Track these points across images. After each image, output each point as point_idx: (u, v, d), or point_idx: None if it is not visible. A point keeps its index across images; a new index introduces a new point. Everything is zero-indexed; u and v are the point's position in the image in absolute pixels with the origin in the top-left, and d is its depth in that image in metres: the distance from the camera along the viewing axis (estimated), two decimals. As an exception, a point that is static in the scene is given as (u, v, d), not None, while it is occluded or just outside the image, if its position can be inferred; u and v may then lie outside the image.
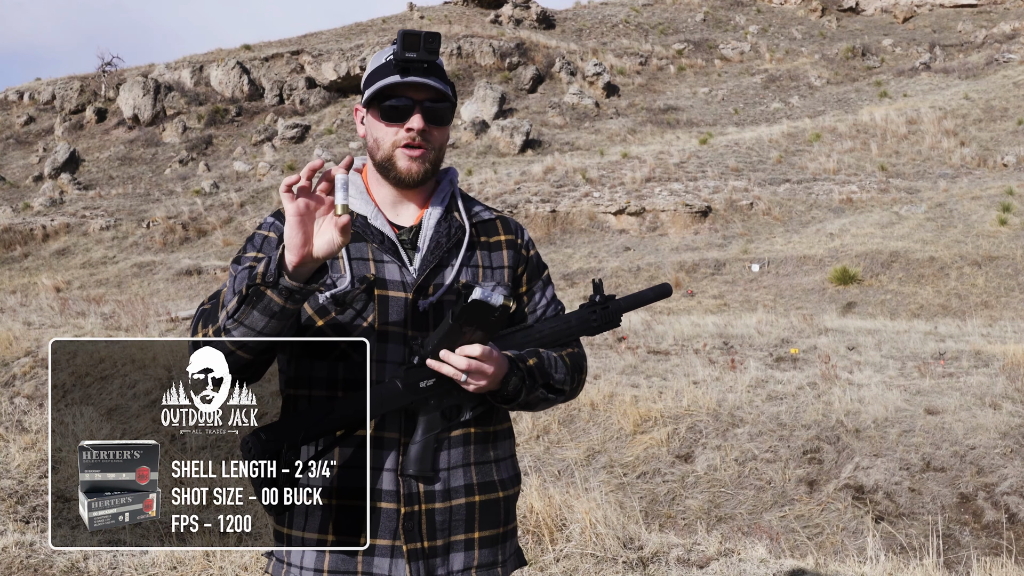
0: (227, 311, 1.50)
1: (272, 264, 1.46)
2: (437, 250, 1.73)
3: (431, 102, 1.70)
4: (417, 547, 1.64)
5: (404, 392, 1.57)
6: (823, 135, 31.57)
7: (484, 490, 1.74)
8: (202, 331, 1.55)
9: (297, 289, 1.46)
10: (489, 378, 1.61)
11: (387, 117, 1.69)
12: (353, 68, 44.14)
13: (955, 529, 5.78)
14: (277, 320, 1.48)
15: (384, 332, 1.67)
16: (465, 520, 1.70)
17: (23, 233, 30.00)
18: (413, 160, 1.70)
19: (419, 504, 1.65)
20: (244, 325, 1.48)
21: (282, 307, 1.46)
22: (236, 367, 1.55)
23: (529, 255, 1.87)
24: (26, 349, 11.60)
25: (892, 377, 8.62)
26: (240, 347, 1.51)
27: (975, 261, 19.51)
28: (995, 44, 44.63)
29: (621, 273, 21.48)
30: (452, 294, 1.71)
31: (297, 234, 1.43)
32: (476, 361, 1.59)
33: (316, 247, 1.45)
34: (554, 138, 36.79)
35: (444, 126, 1.72)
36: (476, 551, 1.72)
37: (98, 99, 46.24)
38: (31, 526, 4.51)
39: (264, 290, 1.45)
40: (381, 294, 1.67)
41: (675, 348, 10.74)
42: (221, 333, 1.51)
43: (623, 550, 4.10)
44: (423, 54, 1.66)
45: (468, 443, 1.73)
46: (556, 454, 7.28)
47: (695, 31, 54.37)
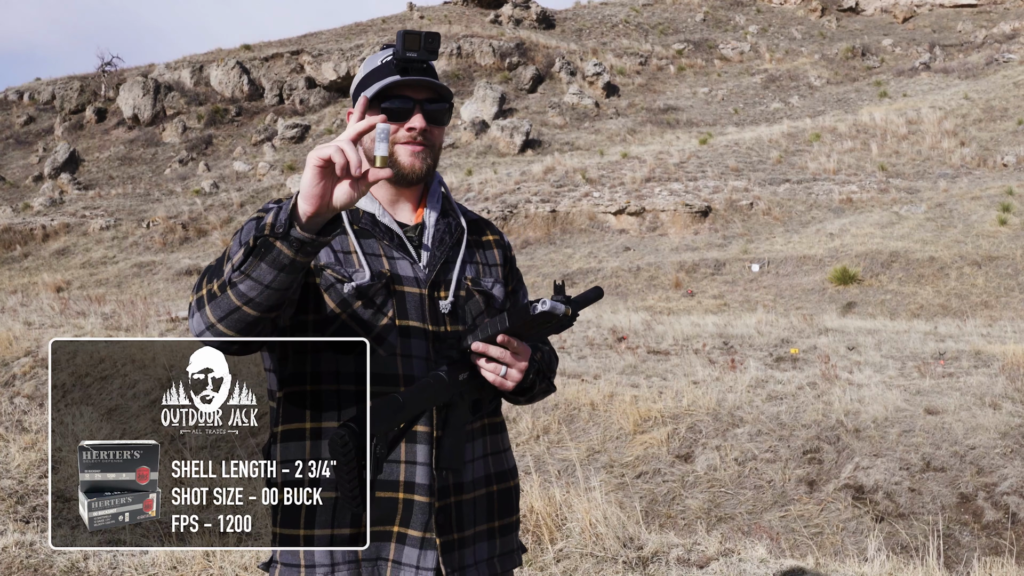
0: (233, 263, 1.44)
1: (283, 213, 1.40)
2: (442, 246, 1.75)
3: (431, 102, 1.71)
4: (451, 539, 1.67)
5: (450, 385, 1.59)
6: (823, 135, 31.57)
7: (500, 479, 1.79)
8: (207, 287, 1.49)
9: (309, 241, 1.39)
10: (523, 372, 1.67)
11: (387, 115, 1.68)
12: (353, 68, 44.16)
13: (955, 529, 5.78)
14: (286, 274, 1.41)
15: (406, 327, 1.68)
16: (487, 510, 1.75)
17: (23, 233, 30.00)
18: (416, 156, 1.70)
19: (451, 497, 1.68)
20: (251, 278, 1.42)
21: (292, 260, 1.40)
22: (241, 325, 1.47)
23: (510, 256, 1.93)
24: (26, 349, 11.60)
25: (892, 377, 8.62)
26: (247, 302, 1.44)
27: (975, 261, 19.51)
28: (995, 44, 44.64)
29: (621, 273, 21.48)
30: (463, 290, 1.75)
31: (316, 184, 1.37)
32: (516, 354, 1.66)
33: (336, 197, 1.39)
34: (554, 138, 36.80)
35: (442, 126, 1.74)
36: (497, 540, 1.77)
37: (98, 99, 46.25)
38: (31, 526, 4.51)
39: (273, 241, 1.39)
40: (398, 289, 1.69)
41: (675, 348, 10.74)
42: (226, 287, 1.44)
43: (623, 550, 4.10)
44: (423, 54, 1.66)
45: (484, 434, 1.78)
46: (556, 454, 7.28)
47: (695, 31, 54.38)
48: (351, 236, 1.70)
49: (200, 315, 1.50)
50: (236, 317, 1.46)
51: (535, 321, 1.58)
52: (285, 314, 1.56)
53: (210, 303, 1.47)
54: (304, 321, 1.66)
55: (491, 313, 1.78)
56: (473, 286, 1.76)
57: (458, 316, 1.73)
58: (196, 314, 1.51)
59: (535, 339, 1.79)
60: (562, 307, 1.53)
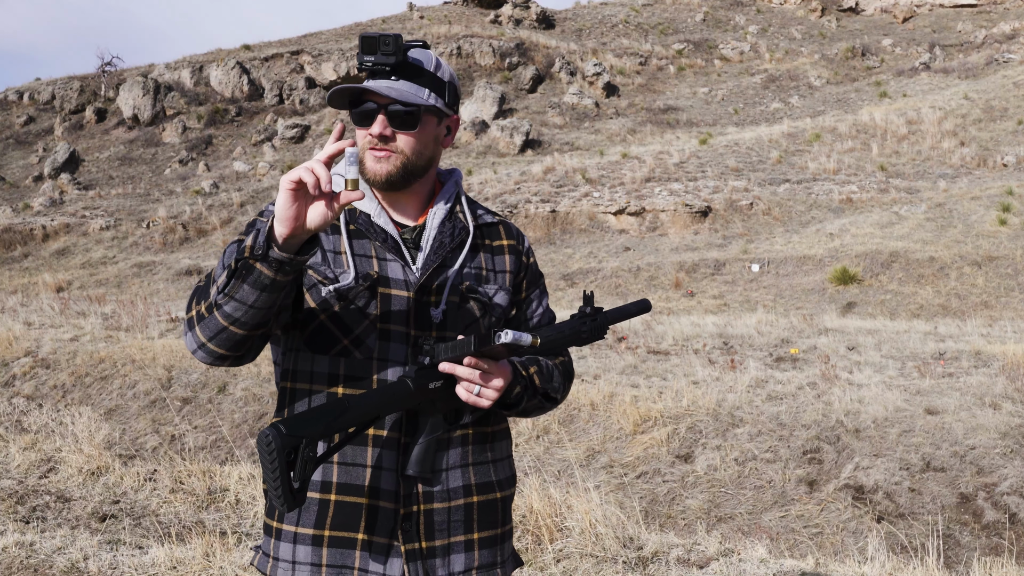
0: (217, 286, 1.48)
1: (260, 237, 1.43)
2: (440, 250, 1.72)
3: (398, 105, 1.67)
4: (415, 547, 1.65)
5: (415, 393, 1.57)
6: (823, 135, 31.57)
7: (482, 491, 1.74)
8: (195, 308, 1.54)
9: (287, 260, 1.43)
10: (499, 391, 1.63)
11: (356, 121, 1.69)
12: (353, 68, 44.14)
13: (955, 529, 5.78)
14: (268, 293, 1.45)
15: (386, 331, 1.66)
16: (464, 521, 1.71)
17: (23, 233, 30.00)
18: (377, 160, 1.67)
19: (417, 505, 1.66)
20: (235, 299, 1.46)
21: (272, 279, 1.43)
22: (230, 343, 1.52)
23: (529, 262, 1.88)
24: (26, 349, 11.60)
25: (892, 377, 8.62)
26: (233, 322, 1.48)
27: (975, 261, 19.50)
28: (995, 44, 44.63)
29: (621, 273, 21.48)
30: (456, 296, 1.71)
31: (290, 207, 1.40)
32: (487, 374, 1.61)
33: (309, 218, 1.42)
34: (554, 138, 36.80)
35: (411, 130, 1.68)
36: (476, 552, 1.72)
37: (98, 99, 46.25)
38: (31, 526, 4.51)
39: (253, 263, 1.43)
40: (384, 292, 1.67)
41: (675, 348, 10.74)
42: (213, 309, 1.49)
43: (623, 550, 4.10)
44: (381, 57, 1.64)
45: (467, 443, 1.73)
46: (556, 454, 7.28)
47: (695, 31, 54.38)
48: (343, 236, 1.69)
49: (191, 335, 1.55)
50: (224, 336, 1.51)
51: (507, 348, 1.55)
52: (281, 320, 1.59)
53: (199, 324, 1.53)
54: (293, 319, 1.67)
55: (487, 321, 1.75)
56: (469, 293, 1.73)
57: (448, 323, 1.70)
58: (188, 333, 1.56)
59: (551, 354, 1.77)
60: (528, 338, 1.50)
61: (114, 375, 10.55)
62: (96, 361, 10.93)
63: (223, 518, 4.77)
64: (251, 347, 1.56)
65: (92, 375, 10.68)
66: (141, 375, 10.33)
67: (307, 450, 1.41)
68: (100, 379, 10.57)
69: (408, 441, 1.65)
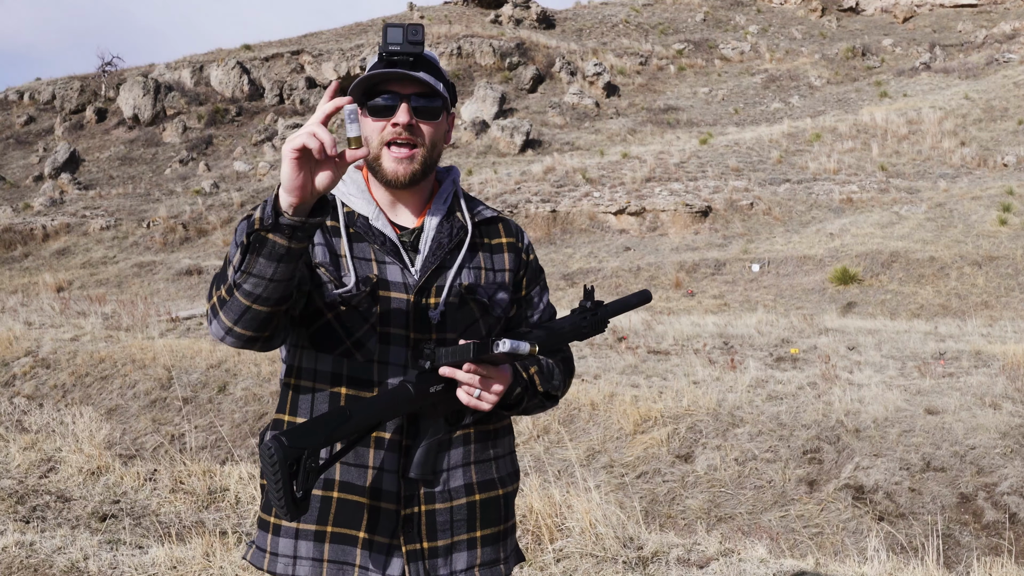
0: (234, 265, 1.47)
1: (268, 207, 1.41)
2: (439, 251, 1.71)
3: (419, 96, 1.65)
4: (416, 548, 1.65)
5: (416, 397, 1.57)
6: (823, 135, 31.56)
7: (484, 488, 1.74)
8: (216, 294, 1.52)
9: (299, 224, 1.41)
10: (499, 395, 1.63)
11: (374, 112, 1.66)
12: (353, 68, 44.17)
13: (955, 529, 5.78)
14: (285, 263, 1.43)
15: (386, 334, 1.66)
16: (467, 520, 1.70)
17: (23, 233, 30.00)
18: (399, 162, 1.66)
19: (419, 506, 1.66)
20: (253, 275, 1.44)
21: (287, 247, 1.42)
22: (256, 323, 1.49)
23: (529, 259, 1.86)
24: (26, 349, 11.60)
25: (892, 377, 8.62)
26: (255, 299, 1.46)
27: (975, 261, 19.50)
28: (995, 44, 44.62)
29: (621, 273, 21.48)
30: (455, 297, 1.70)
31: (296, 176, 1.38)
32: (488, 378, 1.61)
33: (317, 183, 1.41)
34: (554, 138, 36.79)
35: (434, 121, 1.68)
36: (479, 550, 1.72)
37: (98, 99, 46.24)
38: (31, 526, 4.51)
39: (265, 235, 1.41)
40: (384, 295, 1.66)
41: (675, 348, 10.74)
42: (233, 290, 1.47)
43: (623, 550, 4.10)
44: (406, 46, 1.62)
45: (468, 442, 1.73)
46: (556, 454, 7.28)
47: (695, 31, 54.37)
48: (343, 240, 1.68)
49: (217, 321, 1.53)
50: (249, 316, 1.49)
51: (505, 356, 1.54)
52: (297, 305, 1.59)
53: (222, 308, 1.50)
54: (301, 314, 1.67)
55: (487, 321, 1.74)
56: (467, 293, 1.71)
57: (447, 324, 1.69)
58: (214, 321, 1.54)
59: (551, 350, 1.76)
60: (526, 347, 1.50)
61: (114, 375, 10.56)
62: (96, 361, 10.94)
63: (223, 518, 4.78)
64: (278, 326, 1.54)
65: (92, 375, 10.69)
66: (141, 375, 10.33)
67: (309, 461, 1.41)
68: (100, 379, 10.57)
69: (410, 443, 1.65)
